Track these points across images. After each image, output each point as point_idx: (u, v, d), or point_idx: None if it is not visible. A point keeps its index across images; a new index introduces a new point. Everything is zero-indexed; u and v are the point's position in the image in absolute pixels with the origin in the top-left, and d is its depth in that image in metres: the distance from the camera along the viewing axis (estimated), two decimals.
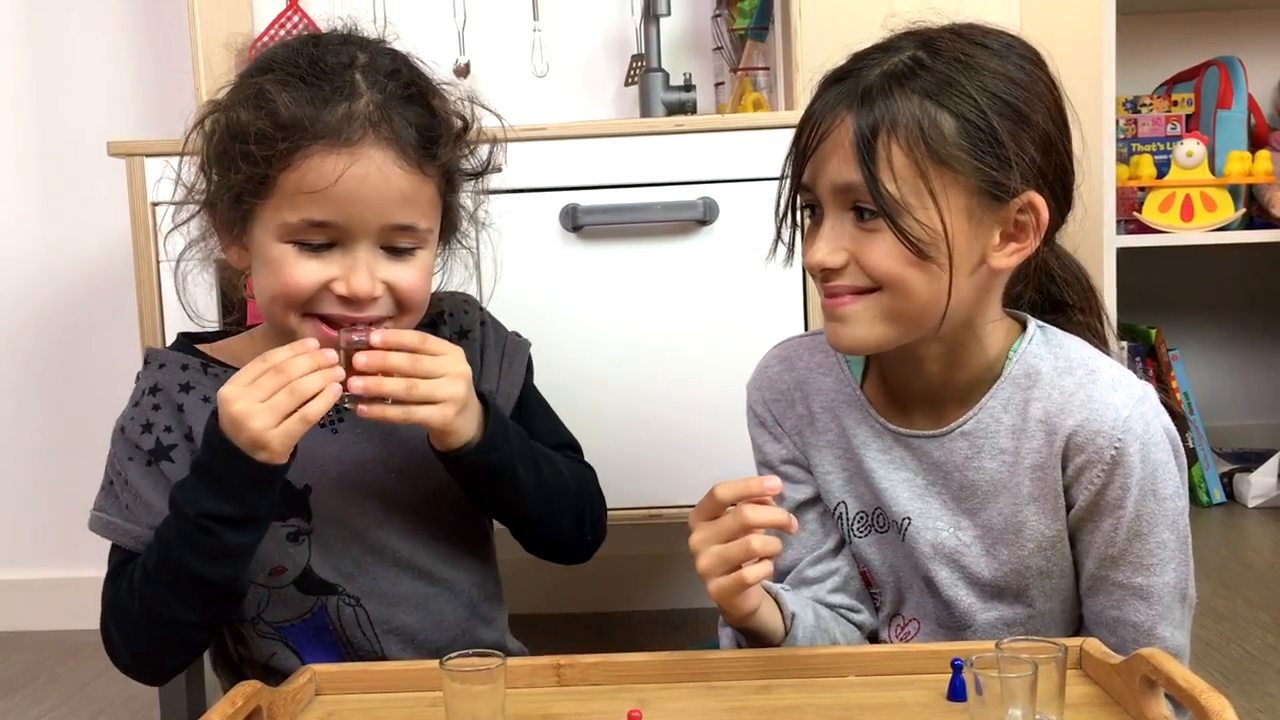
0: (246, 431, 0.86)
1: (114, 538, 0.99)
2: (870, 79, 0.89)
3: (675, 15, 1.93)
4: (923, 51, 0.89)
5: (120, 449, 1.00)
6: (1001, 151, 0.87)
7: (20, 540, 2.12)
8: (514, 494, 1.00)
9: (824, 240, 0.91)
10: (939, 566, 0.98)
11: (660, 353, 1.58)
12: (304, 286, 0.93)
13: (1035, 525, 0.95)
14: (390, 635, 1.01)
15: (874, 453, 0.99)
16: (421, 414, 0.90)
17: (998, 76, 0.88)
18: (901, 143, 0.86)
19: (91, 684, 1.83)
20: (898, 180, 0.86)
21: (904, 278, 0.88)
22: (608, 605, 2.08)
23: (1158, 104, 2.43)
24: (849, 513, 1.02)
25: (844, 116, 0.89)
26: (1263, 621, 1.84)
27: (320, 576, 0.99)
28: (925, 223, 0.87)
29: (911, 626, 1.02)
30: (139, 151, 1.56)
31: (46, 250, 2.08)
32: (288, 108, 0.91)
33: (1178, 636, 0.97)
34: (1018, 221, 0.90)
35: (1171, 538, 0.94)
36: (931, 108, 0.87)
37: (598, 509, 1.10)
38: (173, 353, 1.03)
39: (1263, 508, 2.51)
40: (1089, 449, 0.91)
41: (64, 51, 2.05)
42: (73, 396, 2.11)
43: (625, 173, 1.57)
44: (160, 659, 0.96)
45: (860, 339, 0.92)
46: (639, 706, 0.79)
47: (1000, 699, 0.74)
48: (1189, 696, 0.73)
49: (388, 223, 0.94)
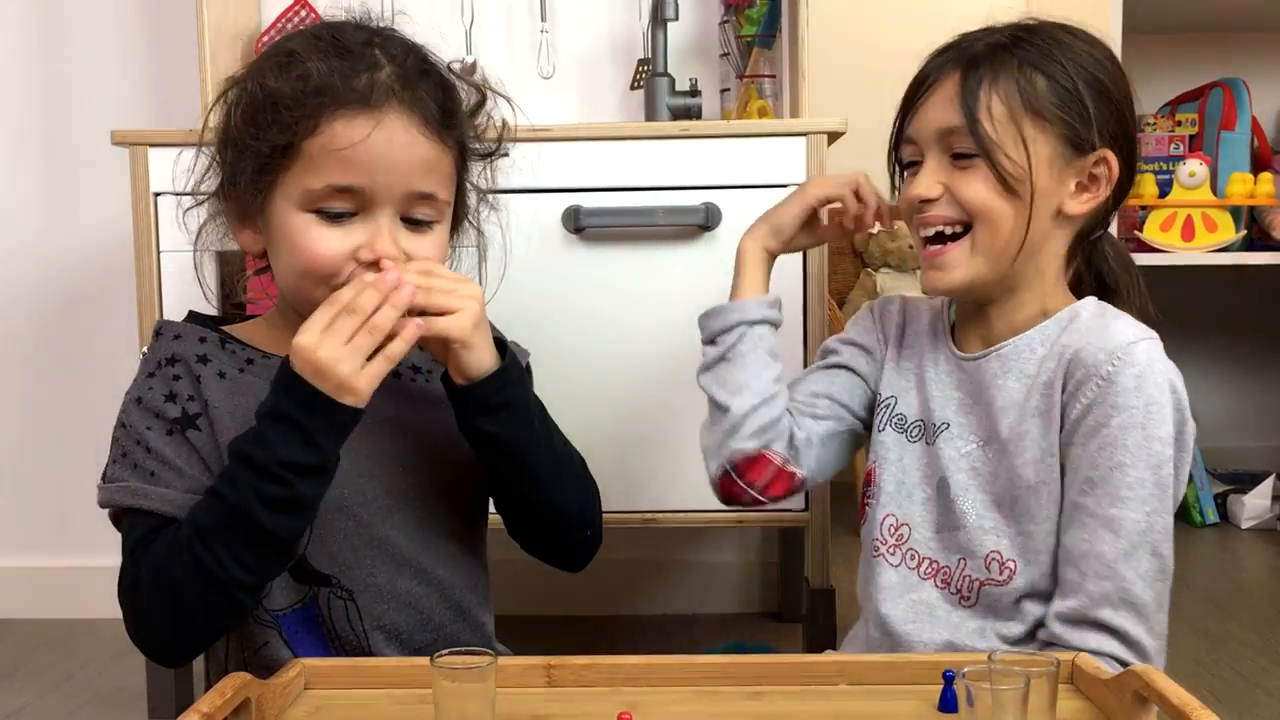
0: (334, 377, 0.87)
1: (141, 504, 0.95)
2: (976, 47, 1.05)
3: (683, 20, 1.93)
4: (1022, 31, 1.06)
5: (137, 418, 0.97)
6: (1085, 111, 1.03)
7: (7, 528, 2.12)
8: (527, 446, 0.99)
9: (923, 176, 1.06)
10: (957, 471, 1.08)
11: (659, 357, 1.58)
12: (329, 256, 0.93)
13: (1033, 436, 1.04)
14: (378, 632, 1.01)
15: (939, 372, 1.14)
16: (441, 324, 0.92)
17: (1085, 56, 1.05)
18: (1000, 93, 1.02)
19: (78, 673, 1.82)
20: (995, 123, 1.02)
21: (993, 208, 1.03)
22: (601, 609, 2.08)
23: (1161, 124, 2.43)
24: (894, 407, 1.16)
25: (950, 72, 1.05)
26: (1254, 643, 1.84)
27: (314, 566, 0.99)
28: (1015, 159, 1.02)
29: (904, 530, 1.12)
30: (142, 141, 1.56)
31: (46, 239, 2.08)
32: (318, 72, 0.93)
33: (1144, 592, 0.99)
34: (1092, 174, 1.05)
35: (1150, 478, 0.99)
36: (1029, 70, 1.03)
37: (596, 510, 1.10)
38: (189, 325, 1.03)
39: (1256, 529, 2.51)
40: (1088, 363, 1.01)
41: (70, 42, 2.05)
42: (66, 386, 2.10)
43: (629, 176, 1.57)
44: (198, 628, 0.93)
45: (957, 279, 1.06)
46: (629, 709, 0.79)
47: (992, 711, 0.73)
48: (1182, 714, 0.73)
49: (411, 189, 0.95)
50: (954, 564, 1.08)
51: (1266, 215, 2.31)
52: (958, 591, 1.08)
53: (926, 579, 1.10)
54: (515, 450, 1.00)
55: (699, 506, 1.60)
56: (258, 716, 0.81)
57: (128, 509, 0.96)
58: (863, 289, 2.15)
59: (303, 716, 0.85)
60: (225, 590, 0.90)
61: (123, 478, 0.97)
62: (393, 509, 1.01)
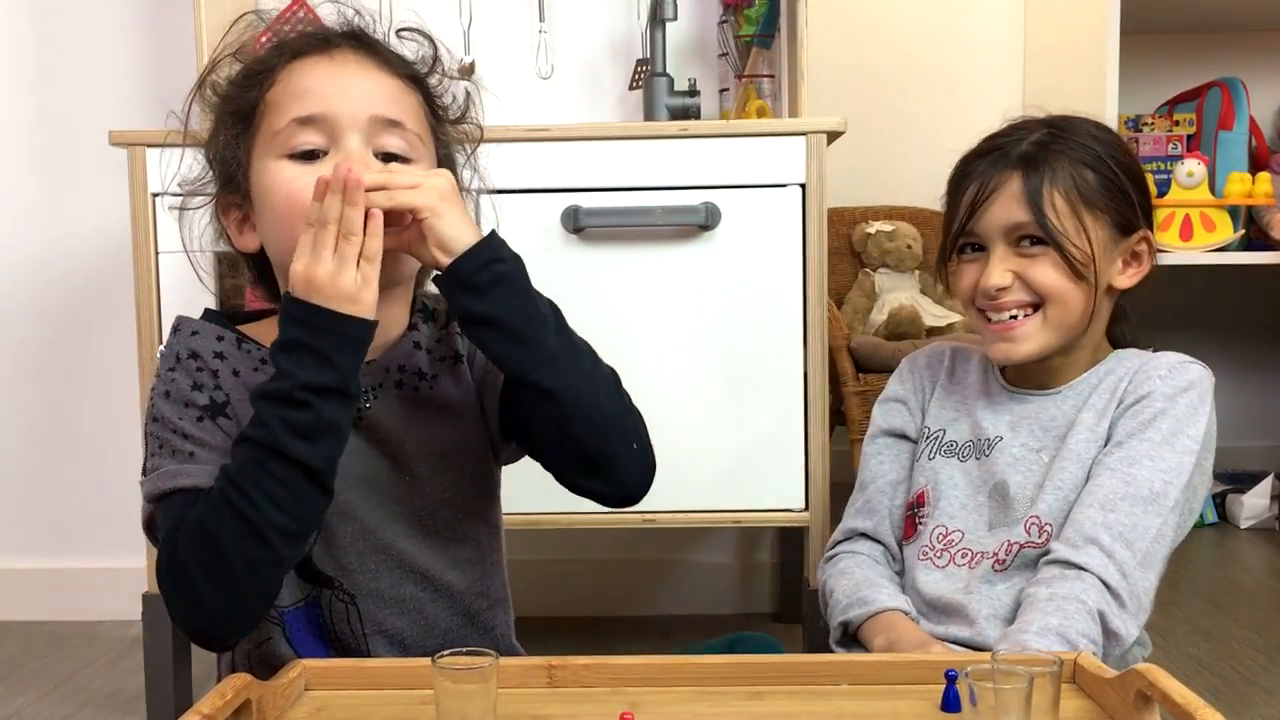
0: (332, 290, 0.88)
1: (182, 483, 0.93)
2: (1023, 149, 1.16)
3: (681, 20, 1.93)
4: (1054, 129, 1.18)
5: (168, 410, 0.96)
6: (1129, 198, 1.16)
7: (5, 530, 2.11)
8: (533, 323, 0.94)
9: (994, 267, 1.16)
10: (1012, 471, 1.18)
11: (658, 357, 1.58)
12: (303, 192, 0.92)
13: (1087, 424, 1.16)
14: (378, 636, 1.00)
15: (991, 403, 1.24)
16: (405, 195, 0.91)
17: (1111, 145, 1.18)
18: (1060, 190, 1.14)
19: (77, 675, 1.82)
20: (1060, 217, 1.13)
21: (1063, 290, 1.15)
22: (600, 610, 2.08)
23: (1159, 123, 2.43)
24: (943, 438, 1.25)
25: (1011, 174, 1.15)
26: (1253, 642, 1.84)
27: (319, 568, 0.98)
28: (1080, 246, 1.14)
29: (955, 535, 1.19)
30: (140, 142, 1.56)
31: (45, 240, 2.08)
32: (280, 38, 1.00)
33: (1141, 538, 1.09)
34: (1134, 251, 1.19)
35: (1172, 457, 1.11)
36: (1079, 166, 1.15)
37: (639, 424, 1.01)
38: (206, 323, 1.02)
39: (1255, 529, 2.51)
40: (1149, 371, 1.16)
41: (68, 42, 2.05)
42: (64, 387, 2.10)
43: (628, 176, 1.57)
44: (241, 588, 0.89)
45: (1029, 350, 1.17)
46: (630, 709, 0.78)
47: (994, 710, 0.73)
48: (1185, 713, 0.73)
49: (374, 112, 0.96)
50: (999, 545, 1.15)
51: (1264, 215, 2.31)
52: (994, 557, 1.15)
53: (975, 567, 1.16)
54: (520, 329, 0.93)
55: (698, 507, 1.60)
56: (259, 717, 0.80)
57: (166, 494, 0.94)
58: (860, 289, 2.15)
59: (304, 717, 0.85)
60: (262, 537, 0.87)
61: (160, 466, 0.95)
62: (398, 515, 1.00)
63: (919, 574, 1.19)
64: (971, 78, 2.35)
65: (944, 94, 2.35)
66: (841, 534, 1.29)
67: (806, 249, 1.57)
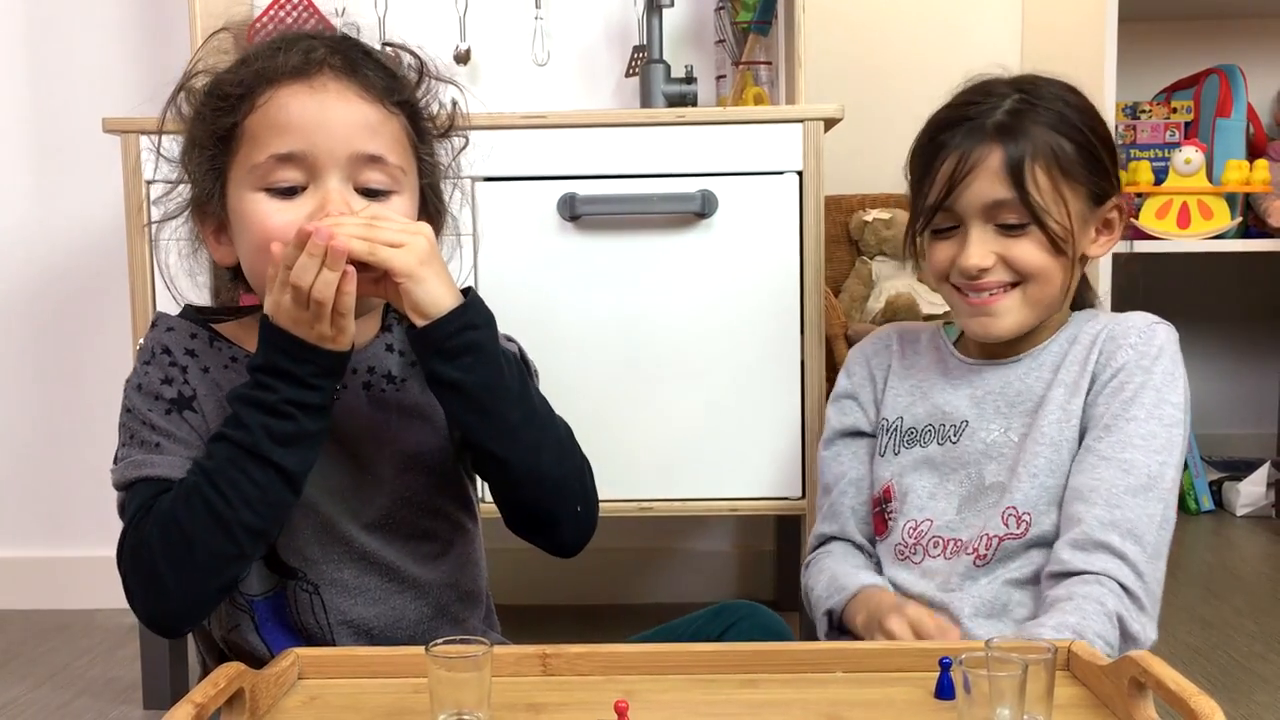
0: (313, 332, 0.89)
1: (147, 472, 0.95)
2: (998, 118, 1.12)
3: (678, 7, 1.92)
4: (1025, 94, 1.13)
5: (139, 402, 0.98)
6: (1103, 166, 1.14)
7: (2, 518, 2.11)
8: (497, 395, 0.95)
9: (974, 247, 1.12)
10: (984, 458, 1.16)
11: (655, 345, 1.58)
12: (281, 229, 0.92)
13: (1058, 401, 1.14)
14: (343, 626, 1.00)
15: (948, 381, 1.20)
16: (384, 254, 0.90)
17: (1083, 111, 1.15)
18: (1041, 164, 1.10)
19: (74, 664, 1.82)
20: (1041, 193, 1.10)
21: (1046, 267, 1.12)
22: (596, 598, 2.08)
23: (1157, 110, 2.43)
24: (901, 426, 1.22)
25: (990, 149, 1.11)
26: (1249, 629, 1.84)
27: (282, 559, 0.99)
28: (1060, 222, 1.11)
29: (925, 525, 1.17)
30: (134, 129, 1.55)
31: (37, 228, 2.07)
32: (254, 60, 0.97)
33: (1147, 529, 1.07)
34: (1107, 219, 1.17)
35: (1162, 433, 1.10)
36: (1056, 136, 1.11)
37: (586, 485, 1.05)
38: (182, 320, 1.03)
39: (1251, 516, 2.51)
40: (1120, 337, 1.13)
41: (60, 28, 2.04)
42: (60, 376, 2.10)
43: (624, 163, 1.56)
44: (202, 581, 0.91)
45: (1008, 326, 1.14)
46: (625, 698, 0.78)
47: (989, 698, 0.73)
48: (1178, 699, 0.73)
49: (355, 150, 0.94)
50: (975, 537, 1.13)
51: (1262, 202, 2.31)
52: (974, 553, 1.13)
53: (950, 558, 1.14)
54: (484, 399, 0.94)
55: (694, 495, 1.60)
56: (251, 706, 0.80)
57: (132, 482, 0.96)
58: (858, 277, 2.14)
59: (297, 706, 0.84)
60: (231, 533, 0.90)
61: (130, 455, 0.97)
62: (358, 511, 1.00)
63: (897, 574, 1.18)
64: (969, 64, 2.34)
65: (942, 81, 2.34)
66: (814, 541, 1.28)
67: (804, 237, 1.56)
